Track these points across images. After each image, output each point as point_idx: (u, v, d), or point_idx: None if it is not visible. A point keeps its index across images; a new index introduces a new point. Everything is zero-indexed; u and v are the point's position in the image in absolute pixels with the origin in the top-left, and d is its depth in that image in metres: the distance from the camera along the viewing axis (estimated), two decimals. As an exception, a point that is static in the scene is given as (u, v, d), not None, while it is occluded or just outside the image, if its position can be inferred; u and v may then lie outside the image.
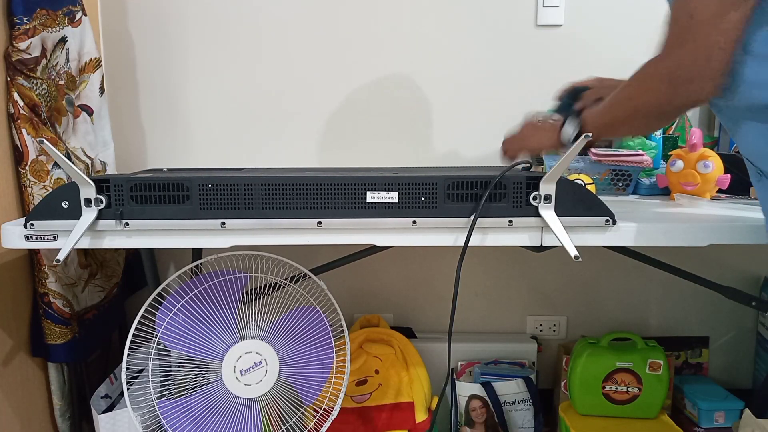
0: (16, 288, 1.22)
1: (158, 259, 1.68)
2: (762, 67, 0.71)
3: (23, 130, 1.17)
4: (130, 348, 1.08)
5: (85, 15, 1.36)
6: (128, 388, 1.10)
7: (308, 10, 1.57)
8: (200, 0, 1.57)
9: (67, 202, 0.94)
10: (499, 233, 0.96)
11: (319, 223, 0.95)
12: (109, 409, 1.30)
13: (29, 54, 1.18)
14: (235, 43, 1.59)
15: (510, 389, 1.50)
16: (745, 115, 0.74)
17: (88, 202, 0.93)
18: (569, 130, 0.96)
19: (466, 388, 1.51)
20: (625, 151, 1.28)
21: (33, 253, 1.23)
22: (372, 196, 0.94)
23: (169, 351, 1.11)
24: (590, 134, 0.86)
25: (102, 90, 1.44)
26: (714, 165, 1.21)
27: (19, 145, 1.17)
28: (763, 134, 0.74)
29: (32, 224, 0.94)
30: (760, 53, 0.71)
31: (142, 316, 1.07)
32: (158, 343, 1.08)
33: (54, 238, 0.95)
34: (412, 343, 1.50)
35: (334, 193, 0.94)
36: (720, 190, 1.25)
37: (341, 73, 1.60)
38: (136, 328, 1.07)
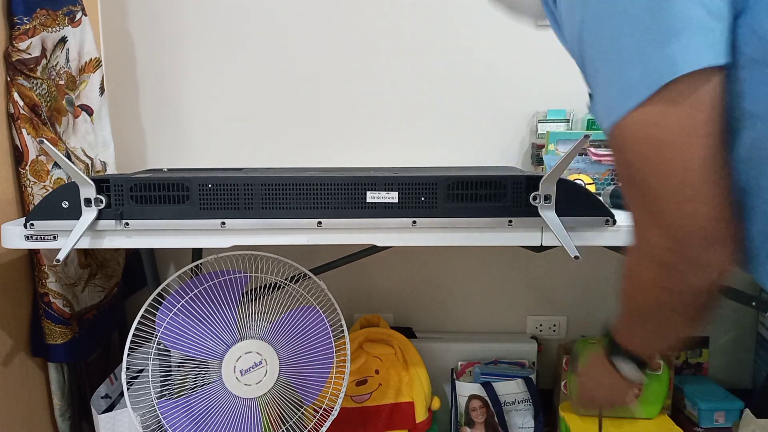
0: (16, 288, 1.22)
1: (158, 259, 1.68)
2: None
3: (23, 130, 1.17)
4: (130, 348, 1.08)
5: (85, 15, 1.36)
6: (128, 388, 1.10)
7: (308, 9, 1.57)
8: (200, 0, 1.57)
9: (67, 202, 0.94)
10: (499, 233, 0.96)
11: (319, 223, 0.95)
12: (109, 409, 1.30)
13: (29, 54, 1.18)
14: (235, 43, 1.58)
15: (510, 389, 1.50)
16: None
17: (88, 202, 0.93)
18: (627, 368, 0.71)
19: (466, 388, 1.50)
20: (625, 151, 1.28)
21: (33, 253, 1.23)
22: (372, 196, 0.94)
23: (169, 351, 1.11)
24: (589, 134, 0.86)
25: (102, 90, 1.44)
26: (714, 165, 1.21)
27: (19, 145, 1.17)
28: None
29: (32, 224, 0.94)
30: None
31: (142, 316, 1.07)
32: (158, 343, 1.08)
33: (54, 238, 0.95)
34: (412, 343, 1.50)
35: (334, 193, 0.94)
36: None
37: (341, 73, 1.60)
38: (136, 328, 1.07)
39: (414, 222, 0.95)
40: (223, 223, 0.95)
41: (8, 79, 1.16)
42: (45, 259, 1.22)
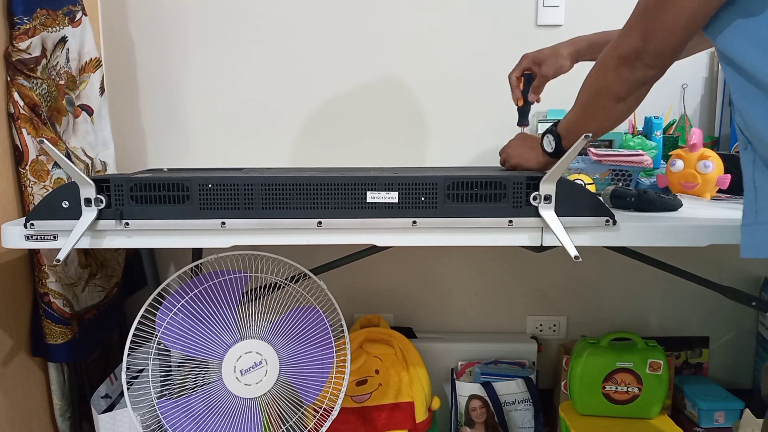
0: (16, 288, 1.22)
1: (158, 259, 1.68)
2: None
3: (23, 130, 1.17)
4: (130, 348, 1.08)
5: (85, 15, 1.36)
6: (128, 388, 1.10)
7: (308, 10, 1.57)
8: (200, 0, 1.57)
9: (67, 202, 0.94)
10: (499, 233, 0.96)
11: (319, 223, 0.95)
12: (109, 409, 1.30)
13: (29, 54, 1.18)
14: (235, 43, 1.59)
15: (510, 389, 1.50)
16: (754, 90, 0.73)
17: (88, 202, 0.93)
18: (547, 144, 1.01)
19: (466, 388, 1.50)
20: (626, 151, 1.27)
21: (33, 253, 1.23)
22: (372, 196, 0.94)
23: (169, 351, 1.11)
24: (590, 134, 0.86)
25: (102, 90, 1.44)
26: (714, 165, 1.21)
27: (19, 145, 1.17)
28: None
29: (32, 224, 0.94)
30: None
31: (142, 316, 1.07)
32: (158, 343, 1.08)
33: (54, 238, 0.95)
34: (412, 343, 1.50)
35: (334, 193, 0.94)
36: (720, 190, 1.25)
37: (341, 73, 1.60)
38: (136, 328, 1.07)
39: (414, 222, 0.95)
40: (223, 223, 0.95)
41: (8, 78, 1.16)
42: (45, 259, 1.22)
